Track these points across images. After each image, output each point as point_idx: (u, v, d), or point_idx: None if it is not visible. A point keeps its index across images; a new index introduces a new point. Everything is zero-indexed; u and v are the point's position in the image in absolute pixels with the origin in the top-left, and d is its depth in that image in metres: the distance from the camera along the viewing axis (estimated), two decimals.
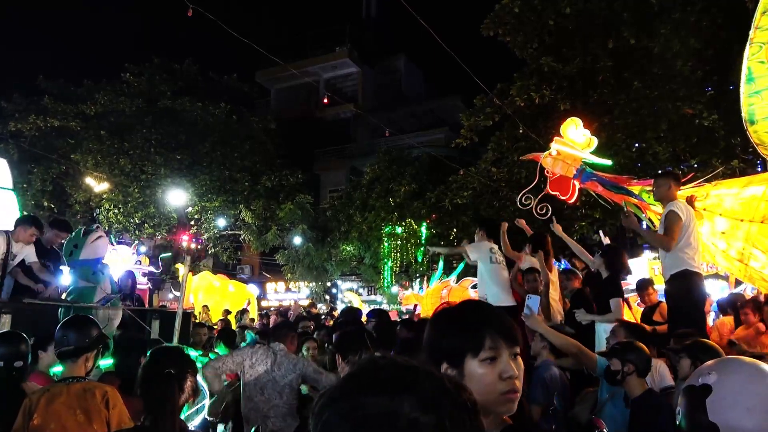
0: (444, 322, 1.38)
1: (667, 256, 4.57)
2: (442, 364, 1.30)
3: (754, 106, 4.23)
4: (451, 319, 1.37)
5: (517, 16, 10.96)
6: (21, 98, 20.59)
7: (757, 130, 4.42)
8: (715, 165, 8.75)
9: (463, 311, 1.38)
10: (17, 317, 4.53)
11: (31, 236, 5.44)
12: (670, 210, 4.53)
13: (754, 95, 4.15)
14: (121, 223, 20.44)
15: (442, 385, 0.75)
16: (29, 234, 5.41)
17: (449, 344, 1.32)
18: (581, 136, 5.97)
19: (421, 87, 34.17)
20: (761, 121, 4.32)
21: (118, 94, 20.65)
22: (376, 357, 0.80)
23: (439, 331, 1.37)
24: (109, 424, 2.63)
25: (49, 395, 2.62)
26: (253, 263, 28.56)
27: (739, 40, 8.12)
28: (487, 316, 1.33)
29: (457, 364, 1.29)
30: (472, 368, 1.27)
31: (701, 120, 9.39)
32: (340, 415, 0.72)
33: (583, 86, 11.42)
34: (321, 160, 29.96)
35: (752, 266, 4.97)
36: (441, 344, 1.34)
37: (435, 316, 1.44)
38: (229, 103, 22.07)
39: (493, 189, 13.54)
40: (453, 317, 1.37)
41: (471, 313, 1.36)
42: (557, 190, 6.01)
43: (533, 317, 3.48)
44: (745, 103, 4.24)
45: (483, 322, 1.31)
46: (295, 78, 27.00)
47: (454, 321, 1.35)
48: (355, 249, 21.77)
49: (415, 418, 0.70)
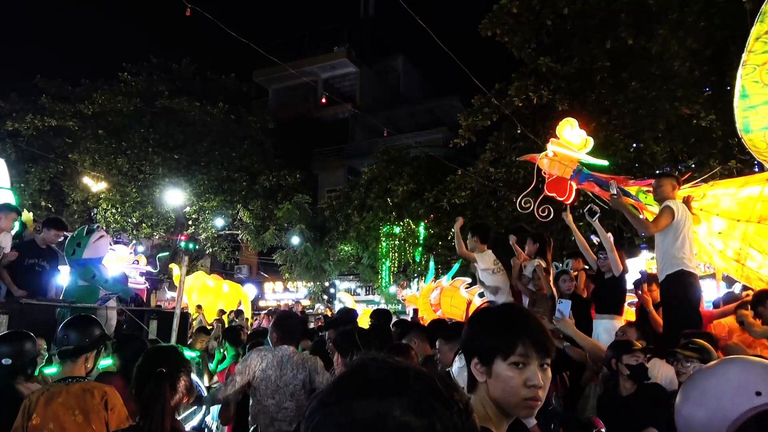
0: (482, 320, 1.48)
1: (663, 256, 4.59)
2: (473, 359, 1.40)
3: (748, 119, 4.30)
4: (490, 319, 1.45)
5: (515, 16, 10.96)
6: (18, 97, 20.54)
7: (752, 138, 4.47)
8: (712, 165, 8.77)
9: (502, 314, 1.46)
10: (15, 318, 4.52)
11: (12, 221, 5.45)
12: (665, 204, 4.57)
13: (749, 109, 4.22)
14: (118, 223, 20.42)
15: (433, 387, 0.74)
16: (10, 219, 5.42)
17: (483, 342, 1.40)
18: (577, 137, 5.97)
19: (419, 87, 34.20)
20: (756, 131, 4.37)
21: (115, 93, 20.60)
22: (366, 358, 0.79)
23: (476, 328, 1.46)
24: (108, 424, 2.63)
25: (48, 395, 2.62)
26: (251, 263, 28.54)
27: (736, 41, 8.16)
28: (524, 323, 1.39)
29: (487, 362, 1.38)
30: (500, 369, 1.35)
31: (699, 120, 9.40)
32: (330, 419, 0.71)
33: (581, 86, 11.43)
34: (319, 160, 29.94)
35: (749, 266, 4.99)
36: (475, 341, 1.43)
37: (475, 313, 1.54)
38: (227, 102, 22.03)
39: (491, 189, 13.54)
40: (492, 318, 1.46)
41: (509, 317, 1.43)
42: (554, 191, 6.01)
43: (564, 321, 3.53)
44: (740, 115, 4.30)
45: (519, 328, 1.38)
46: (293, 78, 26.98)
47: (492, 322, 1.44)
48: (353, 249, 21.77)
49: (406, 421, 0.68)
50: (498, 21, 11.13)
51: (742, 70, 4.00)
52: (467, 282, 10.75)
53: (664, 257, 4.57)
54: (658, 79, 10.07)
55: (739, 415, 1.21)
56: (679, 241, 4.49)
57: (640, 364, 3.26)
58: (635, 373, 3.26)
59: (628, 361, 3.27)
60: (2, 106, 20.23)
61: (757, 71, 3.95)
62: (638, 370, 3.26)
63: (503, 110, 11.43)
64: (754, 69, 3.96)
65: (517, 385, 1.32)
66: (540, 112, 11.86)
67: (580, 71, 11.16)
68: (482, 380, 1.39)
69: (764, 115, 4.21)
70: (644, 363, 3.28)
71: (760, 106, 4.15)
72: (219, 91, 23.21)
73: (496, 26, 11.20)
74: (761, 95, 4.09)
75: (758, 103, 4.15)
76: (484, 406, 1.39)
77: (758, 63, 3.92)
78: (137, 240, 20.49)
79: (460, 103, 23.08)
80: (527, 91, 11.16)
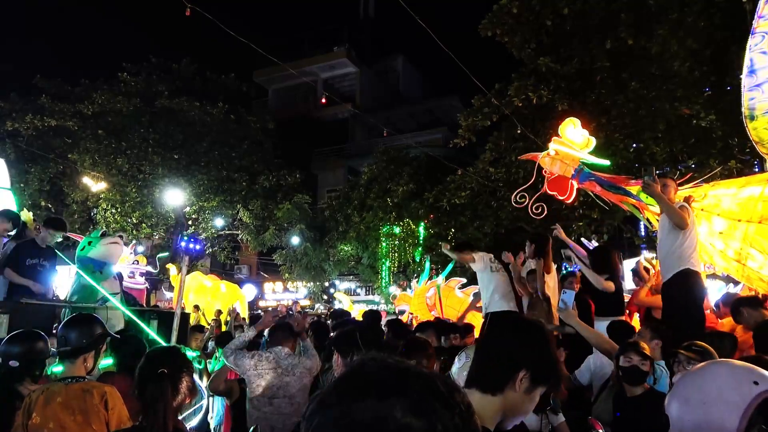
0: (549, 344, 1.57)
1: (669, 255, 4.56)
2: (522, 371, 1.46)
3: (754, 100, 4.24)
4: (552, 348, 1.56)
5: (515, 16, 10.95)
6: (18, 97, 20.50)
7: (757, 126, 4.44)
8: (712, 165, 8.77)
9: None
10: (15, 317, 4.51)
11: (4, 230, 5.46)
12: (682, 205, 4.56)
13: (755, 88, 4.16)
14: (118, 223, 20.39)
15: (434, 387, 0.73)
16: (2, 228, 5.43)
17: (546, 367, 1.52)
18: (580, 136, 5.98)
19: (419, 87, 34.21)
20: (761, 117, 4.34)
21: (115, 93, 20.57)
22: (365, 358, 0.78)
23: (545, 349, 1.54)
24: (108, 424, 2.62)
25: (47, 394, 2.61)
26: (250, 263, 28.54)
27: (736, 41, 8.16)
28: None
29: (535, 383, 1.49)
30: (536, 394, 1.50)
31: (699, 120, 9.40)
32: (330, 421, 0.70)
33: (581, 86, 11.43)
34: (319, 160, 29.94)
35: (750, 266, 4.99)
36: (537, 360, 1.50)
37: (541, 328, 1.62)
38: (226, 102, 22.02)
39: (491, 189, 13.55)
40: (552, 347, 1.57)
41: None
42: (555, 189, 6.01)
43: (568, 311, 3.51)
44: (746, 97, 4.25)
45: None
46: (292, 78, 26.98)
47: (553, 352, 1.55)
48: (353, 249, 21.77)
49: (407, 422, 0.68)
50: (498, 21, 11.12)
51: (751, 39, 3.94)
52: (462, 282, 10.76)
53: (670, 256, 4.55)
54: (658, 79, 10.06)
55: (747, 405, 1.27)
56: (687, 240, 4.49)
57: (633, 366, 3.24)
58: (627, 375, 3.25)
59: (621, 363, 3.27)
60: (2, 106, 20.19)
61: (765, 40, 3.89)
62: (631, 372, 3.24)
63: (503, 110, 11.43)
64: (762, 38, 3.90)
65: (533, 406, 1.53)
66: (540, 112, 11.86)
67: (580, 71, 11.15)
68: (516, 390, 1.47)
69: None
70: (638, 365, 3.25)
71: (765, 84, 4.11)
72: (219, 91, 23.19)
73: (496, 26, 11.20)
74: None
75: (764, 80, 4.10)
76: (495, 406, 1.48)
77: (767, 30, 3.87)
78: (137, 240, 20.47)
79: (460, 103, 23.09)
80: (527, 91, 11.15)
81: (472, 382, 1.51)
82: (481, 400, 1.45)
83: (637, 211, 5.86)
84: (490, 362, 1.53)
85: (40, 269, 5.64)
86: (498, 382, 1.47)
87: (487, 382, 1.48)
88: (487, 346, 1.65)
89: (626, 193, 5.70)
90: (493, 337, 1.68)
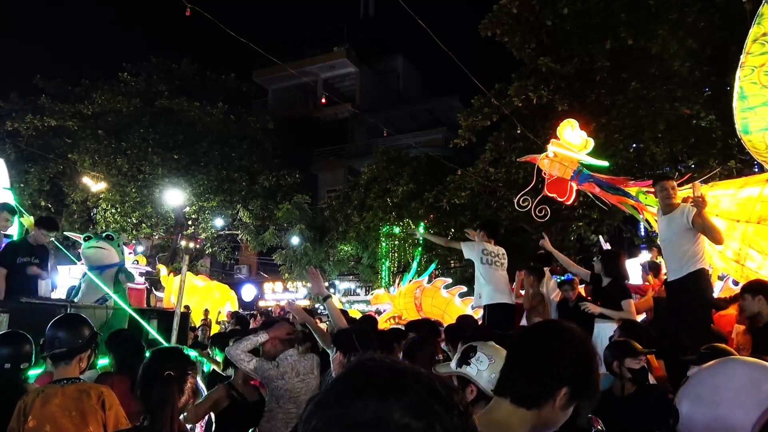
0: (595, 365, 1.48)
1: (684, 254, 4.52)
2: (564, 388, 1.36)
3: (747, 120, 4.31)
4: (596, 370, 1.46)
5: (515, 16, 10.96)
6: (18, 97, 20.55)
7: (752, 139, 4.49)
8: (712, 165, 8.77)
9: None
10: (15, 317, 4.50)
11: (5, 221, 5.46)
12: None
13: (748, 111, 4.23)
14: (118, 223, 20.40)
15: (433, 388, 0.73)
16: (3, 219, 5.43)
17: (588, 387, 1.42)
18: (578, 138, 5.99)
19: (418, 87, 34.21)
20: (755, 132, 4.38)
21: (115, 93, 20.60)
22: (364, 359, 0.77)
23: (589, 367, 1.44)
24: (106, 425, 2.62)
25: (44, 396, 2.59)
26: (250, 263, 28.54)
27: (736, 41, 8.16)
28: None
29: (573, 400, 1.38)
30: (570, 409, 1.39)
31: (699, 120, 9.41)
32: (329, 422, 0.70)
33: (580, 87, 11.42)
34: (319, 160, 29.94)
35: (749, 267, 4.99)
36: (582, 379, 1.41)
37: (588, 346, 1.50)
38: (226, 102, 22.03)
39: (491, 189, 13.54)
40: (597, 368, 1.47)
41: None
42: (555, 191, 6.02)
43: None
44: (739, 117, 4.32)
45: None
46: (292, 78, 26.96)
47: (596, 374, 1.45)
48: (353, 249, 21.76)
49: (406, 423, 0.68)
50: (498, 21, 11.13)
51: (740, 71, 4.03)
52: (447, 282, 10.74)
53: (684, 255, 4.52)
54: (658, 79, 10.07)
55: (765, 409, 1.26)
56: (700, 241, 4.49)
57: (642, 367, 3.26)
58: (638, 377, 3.26)
59: (631, 365, 3.26)
60: (2, 106, 20.23)
61: (755, 73, 3.97)
62: (640, 374, 3.26)
63: (503, 110, 11.43)
64: (752, 71, 3.98)
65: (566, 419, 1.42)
66: (540, 113, 11.86)
67: (580, 71, 11.15)
68: (554, 408, 1.36)
69: (763, 116, 4.22)
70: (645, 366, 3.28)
71: (758, 108, 4.18)
72: (218, 91, 23.20)
73: (496, 26, 11.21)
74: (759, 96, 4.11)
75: (757, 105, 4.17)
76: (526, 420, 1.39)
77: (756, 65, 3.94)
78: (137, 240, 20.48)
79: (460, 103, 23.07)
80: (527, 92, 11.15)
81: (504, 391, 1.41)
82: (512, 412, 1.37)
83: (636, 212, 5.86)
84: (529, 376, 1.39)
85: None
86: (536, 397, 1.36)
87: (522, 396, 1.38)
88: (526, 356, 1.46)
89: (625, 194, 5.71)
90: (533, 347, 1.47)
